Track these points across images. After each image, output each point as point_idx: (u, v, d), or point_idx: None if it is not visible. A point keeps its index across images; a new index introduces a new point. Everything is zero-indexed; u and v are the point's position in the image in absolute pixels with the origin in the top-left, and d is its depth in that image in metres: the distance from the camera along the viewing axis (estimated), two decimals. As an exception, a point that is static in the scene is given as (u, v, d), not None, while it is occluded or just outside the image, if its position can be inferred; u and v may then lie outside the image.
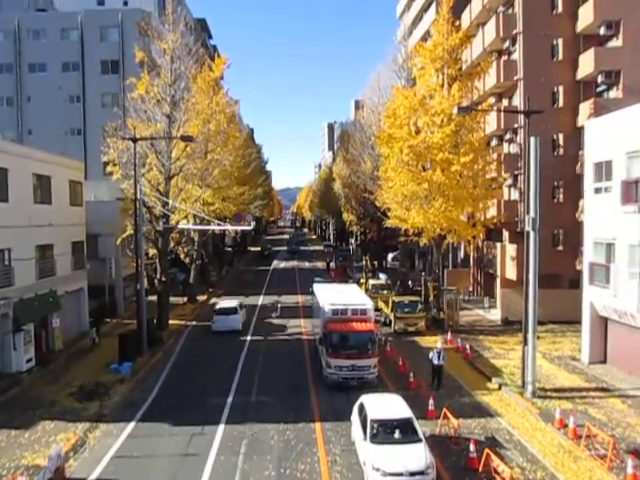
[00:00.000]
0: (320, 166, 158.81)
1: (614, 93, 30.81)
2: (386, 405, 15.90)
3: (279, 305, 39.70)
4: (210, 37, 74.91)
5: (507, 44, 35.40)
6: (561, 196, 32.84)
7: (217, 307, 32.77)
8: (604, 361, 23.60)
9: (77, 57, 50.13)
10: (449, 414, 16.84)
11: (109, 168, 29.60)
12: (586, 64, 31.14)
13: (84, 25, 50.30)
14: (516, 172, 34.13)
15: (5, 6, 54.31)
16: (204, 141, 32.44)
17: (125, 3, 55.55)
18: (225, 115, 36.85)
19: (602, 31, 30.68)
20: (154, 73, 30.13)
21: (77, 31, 50.32)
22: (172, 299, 36.29)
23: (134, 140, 26.16)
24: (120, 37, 49.45)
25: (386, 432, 14.52)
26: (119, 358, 24.33)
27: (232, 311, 31.63)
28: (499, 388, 21.13)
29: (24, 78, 50.55)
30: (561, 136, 32.55)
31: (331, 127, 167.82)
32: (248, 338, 30.03)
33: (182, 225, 31.78)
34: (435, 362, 21.22)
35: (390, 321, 31.66)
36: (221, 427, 17.73)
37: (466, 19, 39.09)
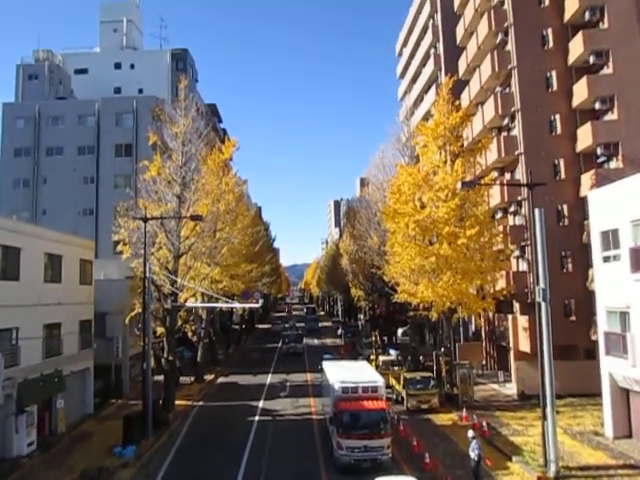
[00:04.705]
0: (327, 242, 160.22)
1: (614, 164, 31.44)
2: (402, 487, 15.10)
3: (287, 384, 38.76)
4: (220, 121, 78.21)
5: (506, 121, 36.60)
6: (570, 265, 32.68)
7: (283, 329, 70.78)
8: (629, 435, 22.53)
9: (93, 141, 52.52)
10: (469, 497, 15.92)
11: (119, 247, 29.96)
12: (584, 137, 31.99)
13: (101, 111, 53.12)
14: (523, 243, 34.23)
15: (27, 96, 57.48)
16: (213, 220, 32.90)
17: (140, 91, 58.62)
18: (234, 195, 37.71)
19: (597, 106, 31.77)
20: (166, 155, 31.08)
21: (94, 117, 53.05)
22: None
23: (145, 220, 26.61)
24: (134, 122, 51.95)
25: (403, 517, 13.72)
26: (123, 441, 23.45)
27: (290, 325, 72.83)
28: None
29: (41, 161, 52.74)
30: (565, 206, 32.88)
31: (337, 204, 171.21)
32: (256, 418, 29.12)
33: (190, 303, 31.70)
34: (471, 455, 18.73)
35: (402, 398, 30.66)
36: (228, 514, 16.83)
37: (465, 99, 40.71)
